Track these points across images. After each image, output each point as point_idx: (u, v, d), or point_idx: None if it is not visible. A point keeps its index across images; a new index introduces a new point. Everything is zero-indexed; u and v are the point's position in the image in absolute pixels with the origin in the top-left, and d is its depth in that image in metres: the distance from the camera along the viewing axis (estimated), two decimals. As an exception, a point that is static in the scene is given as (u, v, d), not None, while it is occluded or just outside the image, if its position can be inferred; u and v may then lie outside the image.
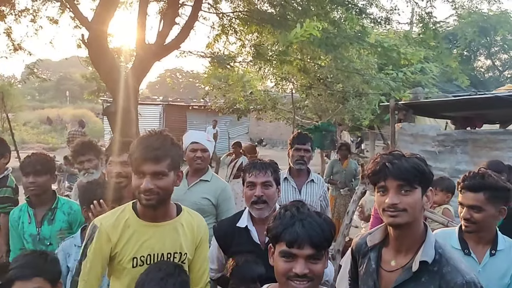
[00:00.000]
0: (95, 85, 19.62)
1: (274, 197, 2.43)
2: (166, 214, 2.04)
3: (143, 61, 5.62)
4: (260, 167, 2.44)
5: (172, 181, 1.95)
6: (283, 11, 5.94)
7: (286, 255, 1.52)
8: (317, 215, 1.57)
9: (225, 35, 7.13)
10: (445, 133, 5.83)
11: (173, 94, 40.88)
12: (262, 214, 2.39)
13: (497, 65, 29.21)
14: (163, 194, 1.92)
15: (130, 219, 2.00)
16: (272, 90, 13.70)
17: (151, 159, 1.88)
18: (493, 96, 5.42)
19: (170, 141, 1.95)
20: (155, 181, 1.89)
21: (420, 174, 1.67)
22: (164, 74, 56.77)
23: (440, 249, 1.69)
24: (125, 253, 1.97)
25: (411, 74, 12.96)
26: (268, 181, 2.41)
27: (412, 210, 1.66)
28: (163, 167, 1.89)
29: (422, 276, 1.65)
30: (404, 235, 1.72)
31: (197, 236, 2.09)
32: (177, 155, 1.97)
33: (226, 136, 17.59)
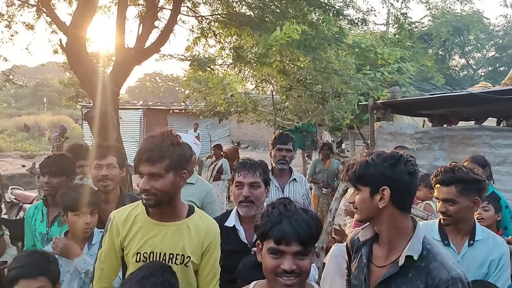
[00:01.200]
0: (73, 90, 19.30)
1: (261, 197, 2.47)
2: (173, 215, 2.05)
3: (123, 65, 5.58)
4: (249, 168, 2.47)
5: (171, 182, 1.95)
6: (262, 13, 5.98)
7: (274, 251, 1.55)
8: (303, 212, 1.61)
9: (205, 38, 7.13)
10: (423, 130, 5.98)
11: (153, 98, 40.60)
12: (249, 212, 2.43)
13: (471, 64, 29.94)
14: (161, 195, 1.93)
15: (140, 215, 2.06)
16: (252, 92, 13.74)
17: (146, 160, 1.92)
18: (467, 94, 5.58)
19: (169, 142, 1.95)
20: (152, 182, 1.91)
21: (359, 176, 1.79)
22: (143, 78, 56.26)
23: (428, 245, 1.71)
24: (131, 247, 2.02)
25: (388, 74, 13.28)
26: (256, 182, 2.44)
27: (360, 208, 1.78)
28: (158, 168, 1.91)
29: (409, 271, 1.68)
30: (380, 230, 1.79)
31: (205, 241, 2.05)
32: (178, 156, 1.96)
33: (208, 139, 17.55)
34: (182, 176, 2.00)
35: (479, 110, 7.02)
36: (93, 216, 2.60)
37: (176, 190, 2.00)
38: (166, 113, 20.72)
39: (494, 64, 29.31)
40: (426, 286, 1.64)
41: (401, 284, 1.69)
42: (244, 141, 27.11)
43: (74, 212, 2.55)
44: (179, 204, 2.09)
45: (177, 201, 2.07)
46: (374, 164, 1.74)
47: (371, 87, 10.13)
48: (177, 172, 1.97)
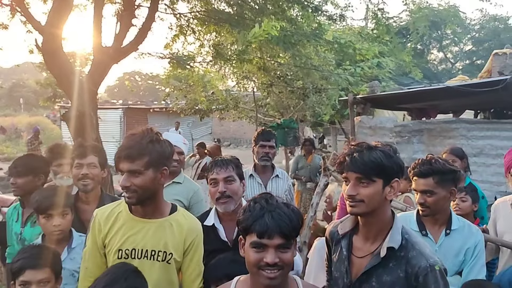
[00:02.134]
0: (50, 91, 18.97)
1: (238, 191, 2.46)
2: (156, 212, 2.06)
3: (101, 64, 5.50)
4: (221, 164, 2.47)
5: (151, 178, 1.95)
6: (241, 10, 5.97)
7: (257, 245, 1.58)
8: (285, 206, 1.63)
9: (183, 36, 7.08)
10: (402, 124, 6.06)
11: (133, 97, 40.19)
12: (228, 207, 2.42)
13: (449, 58, 30.48)
14: (141, 192, 1.94)
15: (122, 213, 2.07)
16: (233, 89, 13.72)
17: (126, 157, 1.93)
18: (444, 87, 5.68)
19: (148, 139, 1.96)
20: (131, 179, 1.93)
21: (379, 168, 1.72)
22: (122, 77, 55.55)
23: (406, 235, 1.76)
24: (113, 244, 2.03)
25: (368, 68, 13.40)
26: (230, 176, 2.44)
27: (369, 201, 1.72)
28: (138, 165, 1.92)
29: (390, 261, 1.72)
30: (370, 222, 1.80)
31: (187, 239, 2.05)
32: (157, 153, 1.96)
33: (189, 137, 17.47)
34: (163, 173, 2.00)
35: (456, 103, 7.16)
36: (64, 218, 2.53)
37: (157, 187, 2.01)
38: (146, 112, 20.54)
39: (471, 57, 29.86)
40: (406, 275, 1.69)
41: (382, 274, 1.73)
42: (227, 139, 27.06)
43: (43, 214, 2.51)
44: (161, 202, 2.09)
45: (159, 199, 2.07)
46: (389, 156, 1.75)
47: (351, 82, 10.23)
48: (157, 169, 1.97)
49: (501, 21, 28.17)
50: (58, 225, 2.50)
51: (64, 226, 2.54)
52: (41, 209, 2.51)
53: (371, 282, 1.75)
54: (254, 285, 1.66)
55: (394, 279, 1.71)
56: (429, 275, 1.65)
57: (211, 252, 2.31)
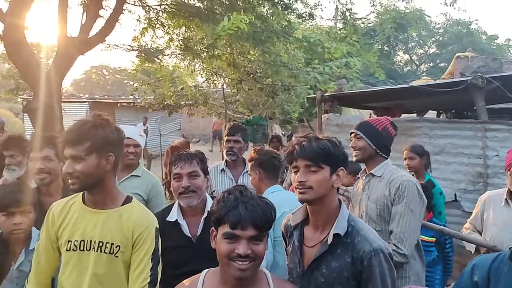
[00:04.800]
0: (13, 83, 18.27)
1: (201, 186, 2.43)
2: (107, 202, 2.01)
3: (66, 55, 5.38)
4: (186, 158, 2.44)
5: (94, 165, 1.91)
6: (211, 5, 5.95)
7: (229, 236, 1.58)
8: (259, 199, 1.66)
9: (152, 29, 6.99)
10: (367, 122, 6.18)
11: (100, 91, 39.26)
12: (191, 202, 2.39)
13: (414, 60, 31.34)
14: (84, 178, 1.90)
15: (76, 204, 2.03)
16: (203, 85, 13.62)
17: (67, 142, 1.90)
18: (409, 87, 5.84)
19: (91, 124, 1.92)
20: (74, 164, 1.89)
21: (327, 155, 1.80)
22: (89, 70, 54.05)
23: (352, 222, 1.83)
24: (64, 236, 1.98)
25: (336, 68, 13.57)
26: (195, 171, 2.41)
27: (318, 187, 1.78)
28: (79, 150, 1.88)
29: (337, 248, 1.79)
30: (318, 210, 1.86)
31: (135, 231, 1.98)
32: (100, 138, 1.92)
33: (157, 133, 17.23)
34: (108, 159, 1.95)
35: (420, 103, 7.38)
36: (25, 216, 2.41)
37: (103, 173, 1.96)
38: (113, 106, 20.09)
39: (435, 60, 30.81)
40: (352, 260, 1.76)
41: (331, 260, 1.79)
42: (195, 135, 26.85)
43: (3, 211, 2.38)
44: (112, 191, 2.05)
45: (109, 187, 2.02)
46: (335, 145, 1.84)
47: (320, 81, 10.38)
48: (101, 154, 1.93)
49: (463, 25, 29.17)
50: (20, 223, 2.39)
51: (26, 225, 2.42)
52: (2, 206, 2.38)
53: (321, 269, 1.81)
54: (224, 277, 1.66)
55: (342, 264, 1.77)
56: (373, 259, 1.72)
57: (174, 248, 2.30)
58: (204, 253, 2.18)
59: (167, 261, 2.20)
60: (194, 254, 2.34)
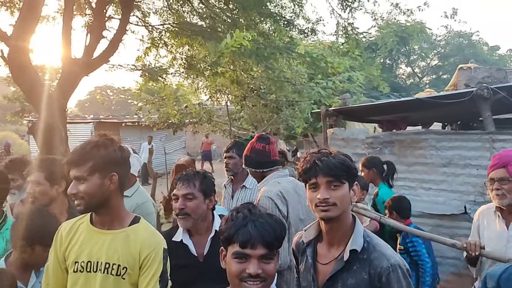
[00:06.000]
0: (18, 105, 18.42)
1: (197, 209, 2.38)
2: (114, 222, 2.00)
3: (70, 76, 5.40)
4: (184, 179, 2.42)
5: (97, 185, 1.91)
6: (213, 23, 5.99)
7: (239, 256, 1.55)
8: (268, 216, 1.62)
9: (155, 48, 7.04)
10: (373, 135, 6.13)
11: (104, 111, 39.53)
12: (186, 224, 2.38)
13: (417, 72, 31.38)
14: (88, 199, 1.90)
15: (84, 224, 2.01)
16: (207, 103, 13.67)
17: (71, 164, 1.92)
18: (414, 99, 5.81)
19: (93, 144, 1.93)
20: (78, 185, 1.90)
21: (347, 170, 1.78)
22: (94, 91, 54.65)
23: (368, 238, 1.80)
24: (71, 257, 1.96)
25: (339, 82, 13.59)
26: (190, 193, 2.38)
27: (341, 203, 1.76)
28: (81, 171, 1.89)
29: (353, 264, 1.76)
30: (335, 228, 1.82)
31: (142, 252, 1.94)
32: (102, 158, 1.92)
33: (162, 151, 17.23)
34: (111, 179, 1.95)
35: (425, 115, 7.34)
36: (45, 251, 2.26)
37: (107, 193, 1.95)
38: (118, 126, 20.19)
39: (438, 72, 30.84)
40: (369, 276, 1.73)
41: (347, 278, 1.76)
42: (200, 153, 26.84)
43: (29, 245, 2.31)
44: (119, 211, 2.03)
45: (117, 207, 2.01)
46: (350, 159, 1.84)
47: (323, 96, 10.38)
48: (104, 174, 1.93)
49: (465, 37, 29.27)
50: (38, 257, 2.34)
51: (42, 260, 2.29)
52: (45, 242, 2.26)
53: (336, 287, 1.77)
54: None
55: (358, 281, 1.74)
56: (391, 275, 1.69)
57: (180, 267, 2.26)
58: (211, 273, 2.14)
59: (173, 281, 2.17)
60: (201, 274, 2.30)
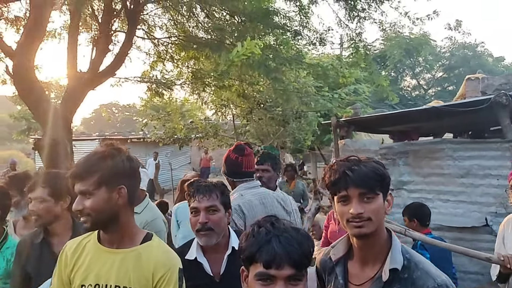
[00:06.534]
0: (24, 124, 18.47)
1: (221, 223, 2.22)
2: (124, 240, 1.80)
3: (76, 90, 5.30)
4: (204, 191, 2.23)
5: (104, 199, 1.73)
6: (220, 35, 5.89)
7: (263, 277, 1.34)
8: (294, 230, 1.40)
9: (162, 62, 6.95)
10: (387, 146, 5.96)
11: (110, 128, 39.64)
12: (209, 241, 2.19)
13: (422, 84, 31.30)
14: (95, 215, 1.72)
15: (91, 243, 1.83)
16: (212, 117, 13.60)
17: (75, 177, 1.74)
18: (430, 108, 5.65)
19: (99, 155, 1.76)
20: (83, 201, 1.72)
21: (381, 179, 1.58)
22: (99, 109, 55.03)
23: (407, 254, 1.60)
24: (77, 279, 1.79)
25: (346, 95, 13.52)
26: (213, 205, 2.21)
27: (376, 217, 1.56)
28: (87, 185, 1.71)
29: (393, 285, 1.55)
30: (370, 244, 1.62)
31: (156, 273, 1.75)
32: (109, 169, 1.74)
33: (168, 167, 17.12)
34: (120, 192, 1.76)
35: (437, 125, 7.16)
36: None
37: (116, 208, 1.76)
38: (124, 143, 19.97)
39: (443, 84, 30.75)
40: None
41: None
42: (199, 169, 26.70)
43: None
44: (129, 228, 1.84)
45: (126, 224, 1.82)
46: (383, 166, 1.63)
47: (329, 108, 10.29)
48: (111, 187, 1.74)
49: (469, 48, 29.23)
50: None
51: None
52: None
53: None
54: None
55: None
56: None
57: (195, 287, 2.08)
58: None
59: None
60: None
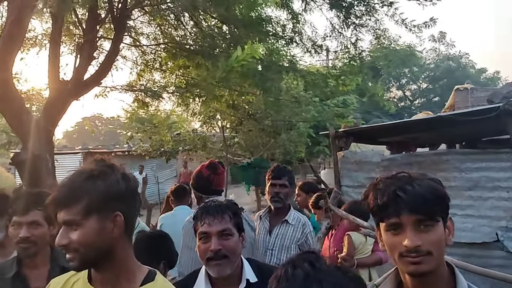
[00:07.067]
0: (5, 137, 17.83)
1: (236, 249, 1.90)
2: (120, 280, 1.43)
3: (58, 100, 4.90)
4: (215, 211, 1.90)
5: (95, 230, 1.35)
6: (213, 42, 5.57)
7: None
8: (339, 272, 1.08)
9: (150, 71, 6.59)
10: (389, 158, 5.69)
11: (93, 142, 38.84)
12: (223, 271, 1.85)
13: (408, 95, 31.52)
14: (85, 251, 1.34)
15: (79, 284, 1.45)
16: (200, 129, 13.27)
17: (57, 204, 1.36)
18: (436, 117, 5.42)
19: (86, 175, 1.39)
20: (69, 233, 1.34)
21: (442, 202, 1.28)
22: (81, 122, 54.09)
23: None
24: None
25: (334, 106, 13.34)
26: (227, 229, 1.88)
27: (437, 250, 1.26)
28: (73, 213, 1.34)
29: None
30: (429, 283, 1.30)
31: None
32: (100, 193, 1.37)
33: (155, 180, 16.62)
34: (115, 220, 1.38)
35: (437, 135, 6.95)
36: None
37: (110, 241, 1.38)
38: (108, 156, 19.58)
39: (428, 95, 30.98)
40: None
41: None
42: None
43: None
44: (127, 265, 1.45)
45: (123, 260, 1.44)
46: (441, 184, 1.31)
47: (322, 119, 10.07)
48: (104, 215, 1.37)
49: (454, 60, 29.58)
50: None
51: None
52: None
53: None
54: None
55: None
56: None
57: None
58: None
59: None
60: None
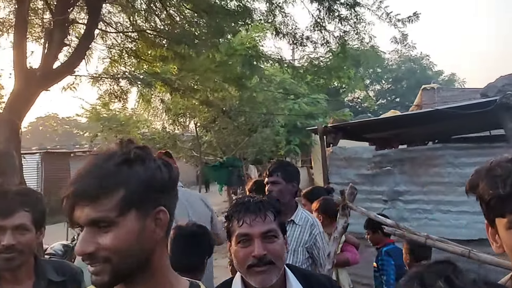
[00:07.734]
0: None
1: (282, 253, 1.55)
2: None
3: (25, 91, 4.37)
4: (256, 209, 1.53)
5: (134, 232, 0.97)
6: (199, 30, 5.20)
7: None
8: None
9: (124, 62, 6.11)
10: (381, 153, 5.50)
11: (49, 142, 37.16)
12: (268, 280, 1.49)
13: (371, 96, 32.13)
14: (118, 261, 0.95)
15: None
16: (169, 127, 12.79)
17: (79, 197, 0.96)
18: (433, 110, 5.28)
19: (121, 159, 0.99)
20: (96, 237, 0.95)
21: None
22: (35, 122, 51.71)
23: None
24: None
25: (305, 105, 13.24)
26: (272, 229, 1.53)
27: None
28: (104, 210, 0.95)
29: None
30: None
31: None
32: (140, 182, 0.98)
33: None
34: (157, 218, 1.01)
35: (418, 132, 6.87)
36: None
37: (150, 246, 1.00)
38: (67, 156, 18.61)
39: (390, 95, 31.71)
40: None
41: None
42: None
43: None
44: (165, 278, 1.07)
45: (160, 271, 1.05)
46: None
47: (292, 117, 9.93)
48: (144, 211, 0.99)
49: (415, 61, 30.44)
50: None
51: None
52: None
53: None
54: None
55: None
56: None
57: None
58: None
59: None
60: None
